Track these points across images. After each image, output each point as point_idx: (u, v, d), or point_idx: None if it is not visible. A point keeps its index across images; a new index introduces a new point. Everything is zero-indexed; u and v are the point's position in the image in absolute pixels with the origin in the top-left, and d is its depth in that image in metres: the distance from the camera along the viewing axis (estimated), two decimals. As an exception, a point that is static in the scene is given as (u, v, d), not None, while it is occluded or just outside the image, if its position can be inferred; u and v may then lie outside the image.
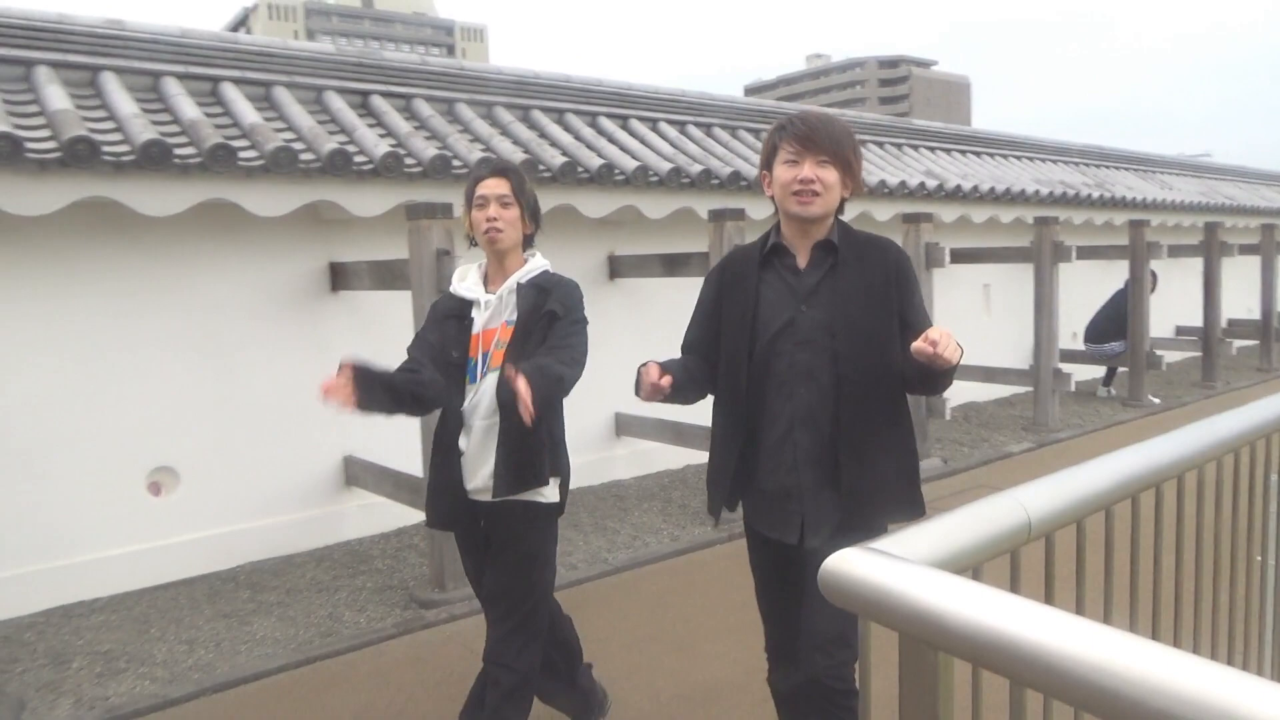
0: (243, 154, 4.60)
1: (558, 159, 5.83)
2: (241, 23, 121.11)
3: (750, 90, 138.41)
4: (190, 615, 4.59)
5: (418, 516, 4.88)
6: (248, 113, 5.00)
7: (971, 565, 1.43)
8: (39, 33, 4.78)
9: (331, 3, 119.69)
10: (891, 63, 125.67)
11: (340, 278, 5.44)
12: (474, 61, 7.51)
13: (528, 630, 2.78)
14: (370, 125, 5.51)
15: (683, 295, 4.94)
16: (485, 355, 2.69)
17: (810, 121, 2.31)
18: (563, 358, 2.65)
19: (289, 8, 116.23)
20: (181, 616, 4.58)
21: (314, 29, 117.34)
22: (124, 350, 4.69)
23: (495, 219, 2.69)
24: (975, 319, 9.80)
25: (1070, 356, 9.46)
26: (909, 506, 2.36)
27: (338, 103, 5.56)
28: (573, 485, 6.30)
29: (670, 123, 7.35)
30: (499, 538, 2.78)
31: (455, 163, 5.36)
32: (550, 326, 2.70)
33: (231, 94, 5.16)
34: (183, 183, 4.45)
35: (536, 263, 2.83)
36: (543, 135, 6.30)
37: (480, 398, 2.69)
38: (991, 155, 10.48)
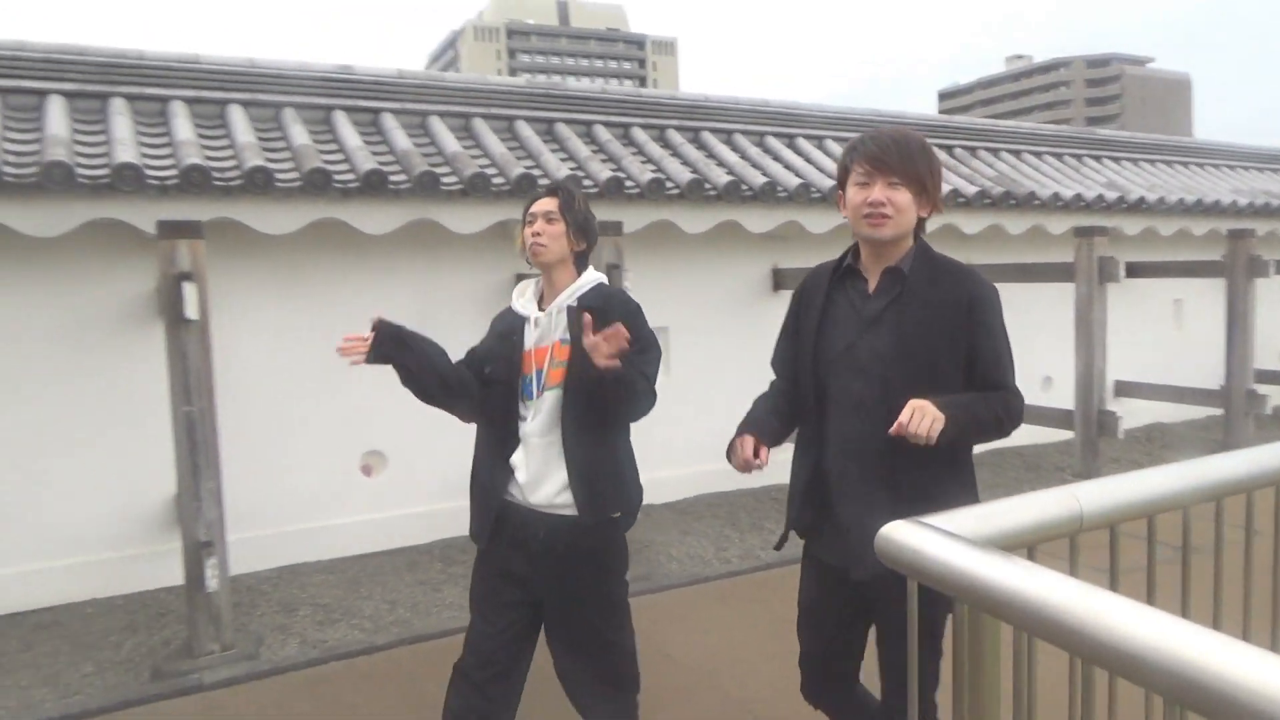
0: (445, 180, 5.29)
1: (723, 178, 6.23)
2: (450, 45, 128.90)
3: (945, 95, 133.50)
4: (393, 580, 5.29)
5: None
6: (450, 142, 5.71)
7: (1018, 545, 1.66)
8: (283, 79, 5.66)
9: (531, 23, 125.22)
10: (1101, 61, 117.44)
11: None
12: (651, 89, 8.03)
13: (624, 661, 2.78)
14: (554, 150, 6.11)
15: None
16: (539, 373, 2.66)
17: (881, 141, 2.22)
18: (642, 379, 2.62)
19: (492, 29, 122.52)
20: (386, 580, 5.29)
21: (515, 48, 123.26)
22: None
23: (539, 234, 2.68)
24: (1164, 335, 9.40)
25: (1271, 378, 8.90)
26: None
27: (526, 130, 6.20)
28: (695, 493, 6.62)
29: (836, 140, 7.59)
30: (569, 569, 2.66)
31: (628, 184, 5.87)
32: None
33: (437, 126, 5.90)
34: (396, 205, 5.18)
35: (587, 277, 2.77)
36: (710, 155, 6.72)
37: (539, 415, 2.65)
38: (1185, 164, 10.00)
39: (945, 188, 6.98)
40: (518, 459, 2.67)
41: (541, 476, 2.64)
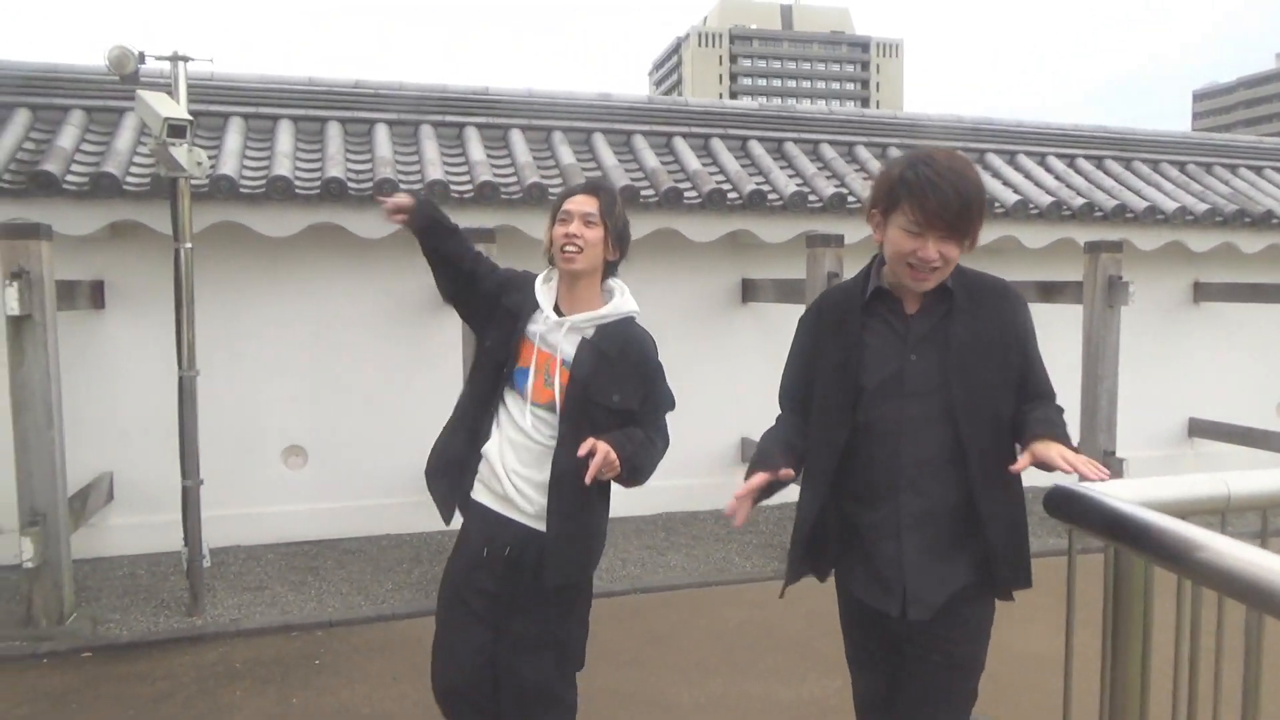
0: (687, 195, 6.02)
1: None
2: (675, 51, 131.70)
3: (1200, 96, 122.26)
4: (623, 543, 6.08)
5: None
6: (691, 160, 6.46)
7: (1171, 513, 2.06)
8: (555, 107, 6.61)
9: (754, 28, 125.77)
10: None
11: (750, 291, 6.70)
12: (874, 110, 8.45)
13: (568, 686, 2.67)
14: (783, 167, 6.72)
15: (1056, 318, 5.51)
16: (526, 373, 2.49)
17: (945, 197, 1.97)
18: (646, 445, 2.52)
19: (716, 34, 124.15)
20: (616, 543, 6.09)
21: (737, 53, 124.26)
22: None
23: (576, 235, 2.44)
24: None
25: None
26: (1021, 577, 2.17)
27: (758, 149, 6.85)
28: (693, 508, 6.83)
29: (1059, 156, 7.73)
30: (536, 600, 2.52)
31: (850, 199, 6.39)
32: (624, 422, 2.51)
33: (680, 146, 6.66)
34: (646, 217, 5.97)
35: (619, 304, 2.56)
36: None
37: (526, 424, 2.49)
38: None
39: (1173, 205, 7.03)
40: (494, 447, 2.52)
41: (525, 483, 2.50)
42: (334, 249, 5.85)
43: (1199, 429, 7.84)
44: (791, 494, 2.31)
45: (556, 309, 2.52)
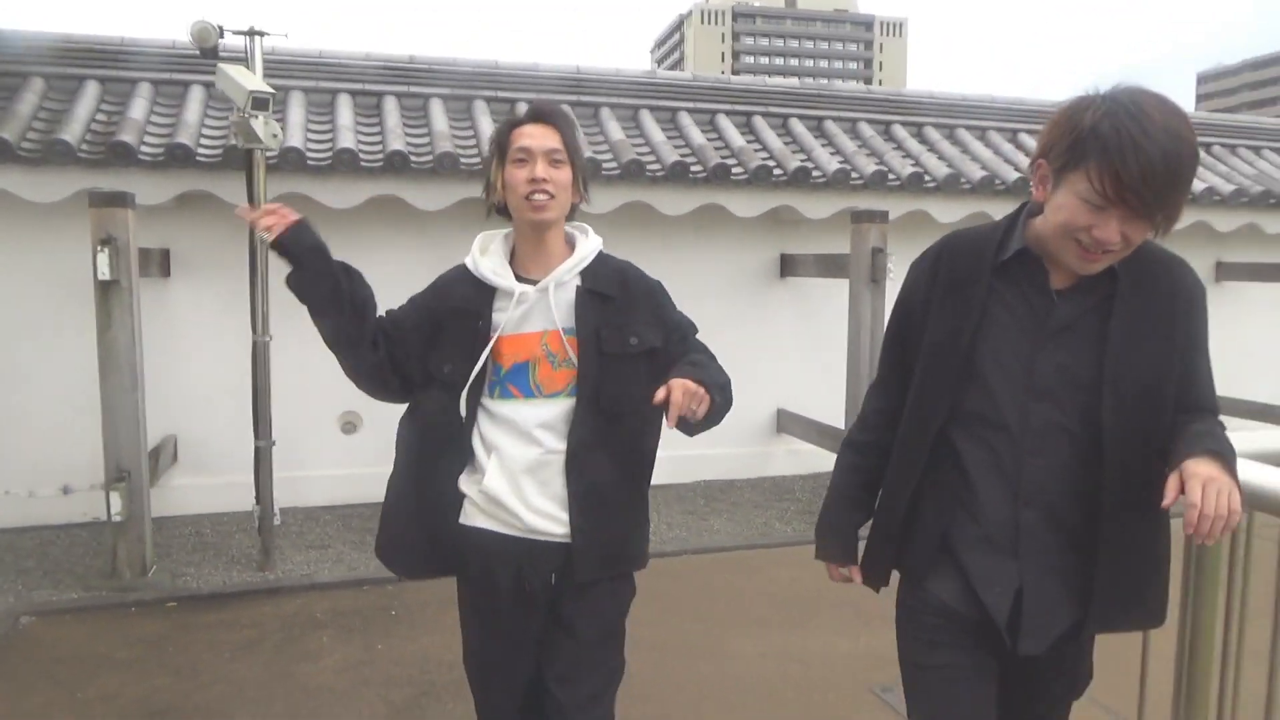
0: (734, 170, 6.19)
1: (978, 173, 6.79)
2: (677, 28, 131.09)
3: (1205, 78, 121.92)
4: (665, 510, 6.30)
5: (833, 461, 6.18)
6: (736, 137, 6.62)
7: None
8: (604, 83, 6.77)
9: (757, 5, 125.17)
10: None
11: (788, 266, 6.88)
12: (912, 90, 8.57)
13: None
14: (824, 145, 6.88)
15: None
16: (520, 370, 2.05)
17: (1151, 160, 1.50)
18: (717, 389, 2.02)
19: (719, 11, 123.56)
20: (660, 509, 6.30)
21: (740, 31, 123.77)
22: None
23: (544, 180, 1.99)
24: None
25: None
26: (1154, 614, 1.82)
27: (799, 127, 7.01)
28: (731, 476, 7.16)
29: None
30: (577, 602, 2.12)
31: (890, 177, 6.56)
32: (653, 363, 2.09)
33: (724, 123, 6.82)
34: (692, 192, 6.14)
35: (589, 244, 2.13)
36: (965, 151, 7.27)
37: (531, 425, 2.04)
38: None
39: (1200, 185, 7.20)
40: (493, 474, 2.05)
41: (540, 495, 2.06)
42: (394, 221, 6.02)
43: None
44: (823, 462, 1.98)
45: (523, 280, 2.06)
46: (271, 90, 4.59)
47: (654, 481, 2.24)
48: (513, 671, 2.18)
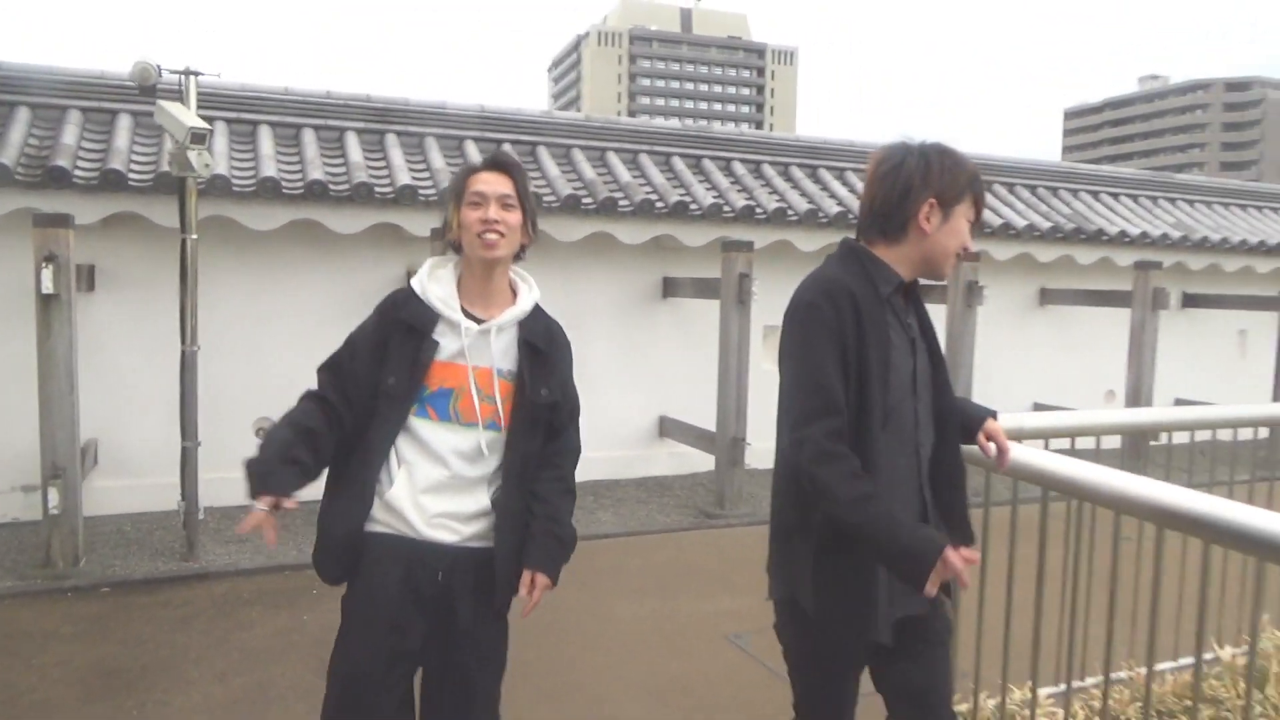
0: (621, 202, 6.99)
1: (834, 208, 7.78)
2: (574, 49, 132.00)
3: (1071, 114, 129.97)
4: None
5: (709, 462, 7.05)
6: (624, 173, 7.43)
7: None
8: (538, 124, 7.49)
9: (653, 29, 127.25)
10: (1241, 85, 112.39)
11: (669, 288, 7.71)
12: (780, 134, 9.53)
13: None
14: (701, 181, 7.76)
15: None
16: (444, 395, 2.21)
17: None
18: (567, 504, 2.36)
19: (616, 34, 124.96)
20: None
21: (636, 54, 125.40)
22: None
23: (495, 221, 2.19)
24: (1228, 361, 10.44)
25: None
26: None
27: (680, 165, 7.87)
28: (617, 476, 8.17)
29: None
30: (475, 613, 2.24)
31: (758, 210, 7.46)
32: (550, 419, 2.32)
33: (613, 160, 7.64)
34: (584, 222, 6.92)
35: (532, 296, 2.34)
36: (824, 188, 8.26)
37: (442, 448, 2.21)
38: (1259, 209, 10.99)
39: (1022, 222, 8.37)
40: (401, 497, 2.19)
41: (459, 505, 2.22)
42: (311, 242, 6.58)
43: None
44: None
45: (466, 314, 2.24)
46: (209, 126, 5.14)
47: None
48: (382, 685, 2.21)
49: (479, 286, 2.27)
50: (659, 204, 7.16)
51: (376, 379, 2.21)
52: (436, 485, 2.20)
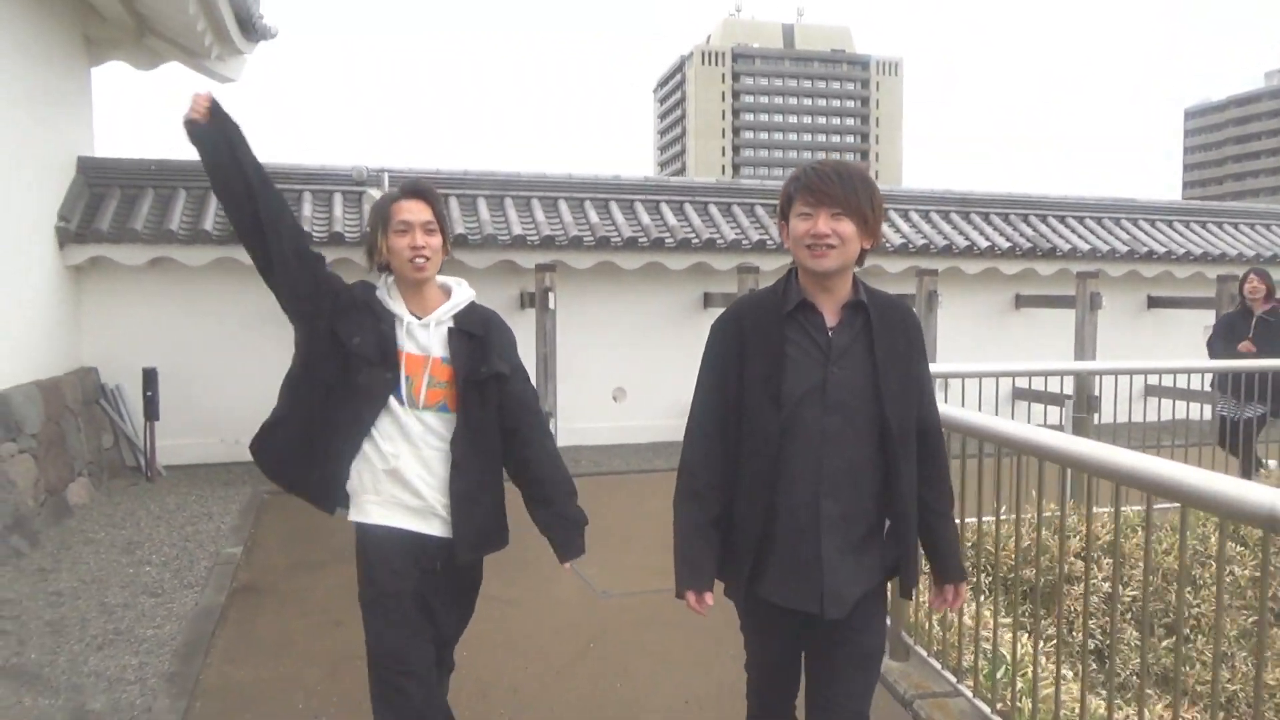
0: (667, 240, 9.90)
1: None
2: (678, 69, 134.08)
3: (1192, 114, 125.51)
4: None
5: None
6: (670, 218, 10.36)
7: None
8: (598, 184, 10.50)
9: (756, 46, 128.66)
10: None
11: (709, 301, 10.58)
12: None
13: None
14: (728, 223, 10.59)
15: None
16: (409, 380, 2.54)
17: (824, 172, 2.19)
18: (549, 446, 2.73)
19: (719, 52, 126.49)
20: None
21: (739, 71, 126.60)
22: (612, 328, 10.28)
23: (422, 247, 2.50)
24: (1193, 351, 12.49)
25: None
26: (916, 575, 2.46)
27: (714, 210, 10.75)
28: (580, 442, 10.64)
29: (917, 212, 11.61)
30: (460, 580, 2.72)
31: (769, 242, 10.24)
32: (501, 388, 2.64)
33: (664, 208, 10.57)
34: (641, 255, 9.84)
35: (463, 294, 2.67)
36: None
37: (413, 428, 2.55)
38: (1203, 225, 13.01)
39: (985, 242, 10.82)
40: (409, 468, 2.56)
41: (434, 496, 2.57)
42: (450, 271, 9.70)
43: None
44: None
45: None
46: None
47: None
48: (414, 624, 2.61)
49: (413, 296, 2.61)
50: (695, 240, 10.04)
51: (334, 321, 2.53)
52: (423, 456, 2.58)
